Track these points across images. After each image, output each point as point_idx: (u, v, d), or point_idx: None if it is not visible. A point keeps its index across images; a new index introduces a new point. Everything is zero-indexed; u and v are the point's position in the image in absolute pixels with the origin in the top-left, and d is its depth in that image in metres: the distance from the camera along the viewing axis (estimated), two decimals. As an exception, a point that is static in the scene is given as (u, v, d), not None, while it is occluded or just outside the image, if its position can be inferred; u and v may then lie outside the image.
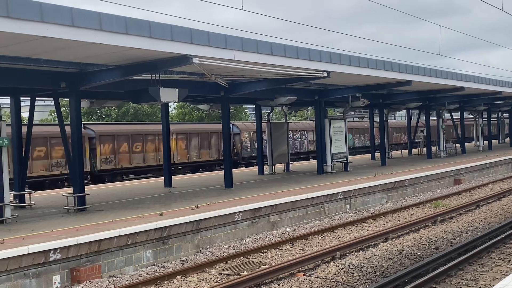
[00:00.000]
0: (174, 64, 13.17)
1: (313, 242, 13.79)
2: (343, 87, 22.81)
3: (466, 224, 15.57)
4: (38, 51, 11.75)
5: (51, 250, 10.09)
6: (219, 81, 15.82)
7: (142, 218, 12.80)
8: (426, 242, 13.37)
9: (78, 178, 14.73)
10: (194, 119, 58.77)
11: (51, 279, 10.16)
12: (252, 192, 17.39)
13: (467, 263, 10.99)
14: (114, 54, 12.30)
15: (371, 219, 16.73)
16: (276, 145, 25.44)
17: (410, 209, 18.69)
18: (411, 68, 21.53)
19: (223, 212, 13.65)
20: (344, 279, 10.34)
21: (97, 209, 14.87)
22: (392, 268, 11.09)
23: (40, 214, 14.34)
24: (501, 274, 10.13)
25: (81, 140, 15.01)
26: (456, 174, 25.63)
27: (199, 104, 25.08)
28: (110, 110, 55.74)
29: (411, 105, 31.86)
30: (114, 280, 10.66)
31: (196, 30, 12.63)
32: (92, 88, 15.71)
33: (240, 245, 13.48)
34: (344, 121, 25.36)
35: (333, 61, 17.09)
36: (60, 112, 16.07)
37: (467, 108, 39.08)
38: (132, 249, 11.58)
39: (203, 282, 10.43)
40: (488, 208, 18.36)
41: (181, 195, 17.65)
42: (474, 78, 26.72)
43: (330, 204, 17.43)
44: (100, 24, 10.65)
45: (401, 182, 21.14)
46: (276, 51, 14.81)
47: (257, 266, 11.38)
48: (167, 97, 13.97)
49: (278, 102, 22.28)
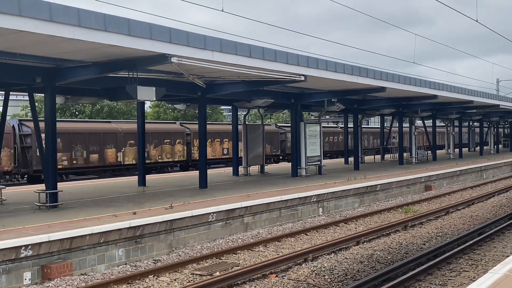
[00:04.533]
0: (153, 63, 13.14)
1: (286, 244, 13.89)
2: (319, 91, 23.03)
3: (435, 230, 15.87)
4: (14, 45, 11.59)
5: (22, 247, 9.97)
6: (197, 81, 15.83)
7: (115, 216, 12.73)
8: (396, 247, 13.59)
9: (51, 174, 14.57)
10: (169, 118, 58.51)
11: (21, 276, 10.05)
12: (226, 193, 17.43)
13: (436, 268, 11.22)
14: (92, 51, 12.21)
15: (343, 223, 16.92)
16: (251, 147, 25.52)
17: (381, 213, 18.95)
18: (385, 75, 21.84)
19: (197, 212, 13.66)
20: (316, 281, 10.45)
21: (69, 206, 14.72)
22: (363, 271, 11.25)
23: (11, 210, 14.14)
24: (469, 279, 10.37)
25: (55, 136, 14.84)
26: (427, 181, 26.06)
27: (175, 104, 25.01)
28: (84, 107, 55.18)
29: (385, 111, 32.30)
30: (86, 278, 10.59)
31: (176, 30, 12.63)
32: (67, 84, 15.54)
33: (214, 246, 13.51)
34: (319, 125, 25.58)
35: (310, 65, 17.25)
36: (35, 108, 15.89)
37: (439, 116, 39.77)
38: (104, 248, 11.51)
39: (176, 282, 10.43)
40: (458, 215, 18.73)
41: (155, 194, 17.59)
42: (447, 87, 27.23)
43: (304, 207, 17.57)
44: (79, 20, 10.56)
45: (373, 187, 21.43)
46: (254, 54, 14.88)
47: (230, 267, 11.43)
48: (144, 95, 13.90)
49: (255, 104, 22.40)
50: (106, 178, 26.94)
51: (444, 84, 27.14)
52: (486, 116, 45.54)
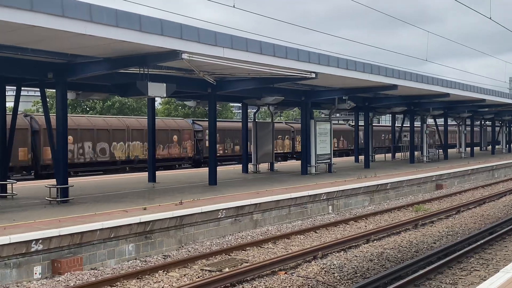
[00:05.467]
0: (163, 59, 13.15)
1: (295, 241, 13.86)
2: (330, 89, 22.93)
3: (446, 229, 15.77)
4: (26, 40, 11.65)
5: (33, 241, 10.02)
6: (207, 78, 15.82)
7: (126, 212, 12.77)
8: (406, 245, 13.51)
9: (62, 169, 14.63)
10: (180, 115, 58.63)
11: (32, 270, 10.10)
12: (236, 190, 17.42)
13: (447, 267, 11.14)
14: (103, 46, 12.24)
15: (353, 221, 16.86)
16: (261, 145, 25.49)
17: (391, 212, 18.86)
18: (397, 72, 21.71)
19: (206, 209, 13.66)
20: (325, 278, 10.42)
21: (80, 201, 14.79)
22: (373, 269, 11.19)
23: (22, 205, 14.23)
24: (480, 279, 10.28)
25: (66, 131, 14.89)
26: (438, 179, 25.91)
27: (186, 100, 25.04)
28: (95, 103, 55.42)
29: (396, 109, 32.12)
30: (96, 273, 10.62)
31: (186, 26, 12.63)
32: (78, 80, 15.60)
33: (223, 242, 13.51)
34: (330, 123, 25.49)
35: (321, 63, 17.19)
36: (46, 103, 15.98)
37: (451, 114, 39.50)
38: (115, 243, 11.54)
39: (185, 278, 10.44)
40: (469, 214, 18.60)
41: (165, 190, 17.63)
42: (459, 85, 27.03)
43: (313, 204, 17.52)
44: (91, 15, 10.60)
45: (384, 185, 21.33)
46: (265, 50, 14.86)
47: (239, 263, 11.42)
48: (155, 91, 13.93)
49: (265, 102, 22.35)
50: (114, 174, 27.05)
51: (456, 82, 26.96)
52: (498, 115, 45.17)
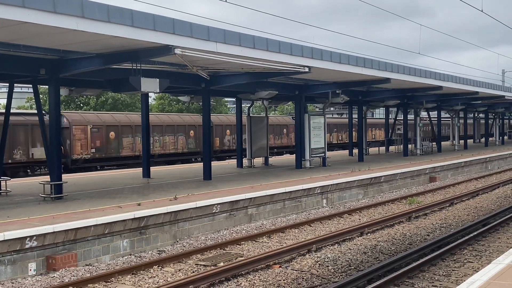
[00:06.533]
0: (156, 54, 13.13)
1: (290, 235, 13.92)
2: (324, 83, 22.96)
3: (439, 221, 15.86)
4: (18, 37, 11.59)
5: (27, 237, 10.02)
6: (201, 73, 15.81)
7: (120, 207, 12.77)
8: (400, 238, 13.59)
9: (56, 166, 14.61)
10: (173, 111, 58.53)
11: (26, 266, 10.11)
12: (230, 185, 17.45)
13: (440, 259, 11.21)
14: (95, 42, 12.20)
15: (347, 214, 16.93)
16: (256, 139, 25.52)
17: (385, 205, 18.95)
18: (390, 66, 21.75)
19: (201, 204, 13.68)
20: (319, 271, 10.48)
21: (74, 197, 14.77)
22: (367, 262, 11.26)
23: (16, 201, 14.21)
24: (473, 270, 10.35)
25: (59, 128, 14.88)
26: (432, 172, 26.02)
27: (179, 96, 25.01)
28: (89, 99, 55.24)
29: (390, 103, 32.17)
30: (90, 269, 10.64)
31: (179, 21, 12.60)
32: (71, 76, 15.54)
33: (218, 237, 13.55)
34: (324, 117, 25.53)
35: (315, 57, 17.20)
36: (39, 99, 15.92)
37: (444, 107, 39.62)
38: (109, 238, 11.56)
39: (180, 272, 10.47)
40: (462, 206, 18.70)
41: (159, 186, 17.64)
42: (452, 78, 27.11)
43: (308, 198, 17.58)
44: (82, 11, 10.55)
45: (378, 178, 21.41)
46: (258, 45, 14.84)
47: (234, 258, 11.46)
48: (148, 87, 13.90)
49: (259, 96, 22.33)
50: (109, 170, 27.03)
51: (449, 75, 27.03)
52: (491, 107, 45.32)
